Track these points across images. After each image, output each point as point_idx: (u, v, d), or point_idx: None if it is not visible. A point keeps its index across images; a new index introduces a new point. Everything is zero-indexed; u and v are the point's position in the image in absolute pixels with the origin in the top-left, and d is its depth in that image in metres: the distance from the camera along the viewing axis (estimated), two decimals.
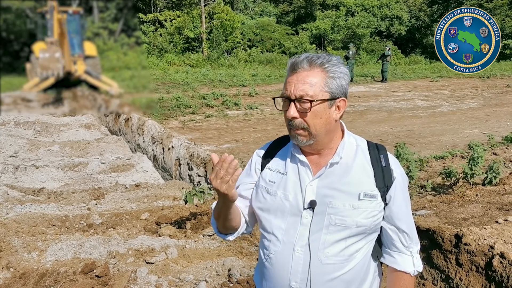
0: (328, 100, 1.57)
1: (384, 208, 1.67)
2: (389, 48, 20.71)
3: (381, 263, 1.82)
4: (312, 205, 1.62)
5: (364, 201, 1.61)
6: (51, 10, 11.85)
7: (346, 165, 1.65)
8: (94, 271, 3.98)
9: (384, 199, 1.65)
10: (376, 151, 1.69)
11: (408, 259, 1.73)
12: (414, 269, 1.73)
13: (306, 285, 1.64)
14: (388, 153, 1.71)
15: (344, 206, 1.61)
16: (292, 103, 1.56)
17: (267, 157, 1.79)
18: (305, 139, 1.61)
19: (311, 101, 1.54)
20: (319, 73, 1.56)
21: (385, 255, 1.77)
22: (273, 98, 1.66)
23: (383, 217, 1.68)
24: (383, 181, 1.64)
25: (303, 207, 1.64)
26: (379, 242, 1.77)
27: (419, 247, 1.76)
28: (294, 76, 1.58)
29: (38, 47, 13.64)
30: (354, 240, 1.64)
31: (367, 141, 1.73)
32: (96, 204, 6.36)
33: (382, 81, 19.87)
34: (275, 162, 1.76)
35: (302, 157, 1.68)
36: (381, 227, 1.71)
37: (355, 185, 1.62)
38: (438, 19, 32.46)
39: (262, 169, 1.78)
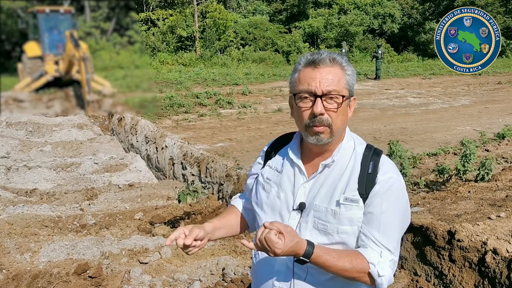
0: (348, 98, 1.58)
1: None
2: (379, 46, 20.86)
3: None
4: (301, 207, 1.61)
5: (345, 205, 1.55)
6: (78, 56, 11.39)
7: (339, 169, 1.62)
8: (87, 272, 3.96)
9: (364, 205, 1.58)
10: (369, 155, 1.63)
11: (374, 253, 1.55)
12: (376, 268, 1.52)
13: (290, 286, 1.63)
14: (383, 159, 1.63)
15: (327, 211, 1.57)
16: (319, 99, 1.53)
17: (270, 154, 1.81)
18: (327, 137, 1.57)
19: (343, 97, 1.55)
20: (340, 70, 1.57)
21: None
22: (294, 94, 1.59)
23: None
24: (364, 188, 1.56)
25: (293, 208, 1.64)
26: None
27: (395, 258, 1.58)
28: (316, 72, 1.55)
29: (29, 47, 13.54)
30: (338, 246, 1.58)
31: (367, 144, 1.68)
32: (89, 205, 6.32)
33: (375, 78, 19.93)
34: (275, 160, 1.77)
35: (297, 160, 1.68)
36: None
37: (340, 190, 1.58)
38: (430, 17, 32.67)
39: (263, 166, 1.80)
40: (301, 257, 1.47)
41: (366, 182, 1.57)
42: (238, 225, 1.89)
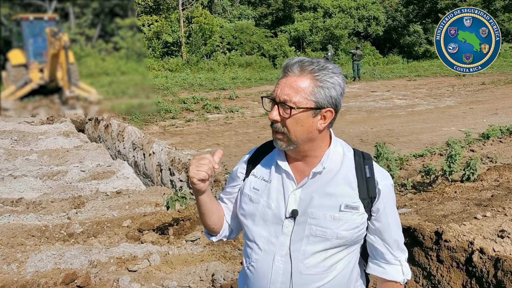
0: (312, 109, 1.53)
1: (368, 220, 1.63)
2: (358, 48, 21.57)
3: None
4: (293, 214, 1.59)
5: (345, 212, 1.57)
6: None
7: (330, 175, 1.61)
8: (75, 281, 3.92)
9: (369, 211, 1.61)
10: (361, 160, 1.64)
11: (397, 268, 1.70)
12: (404, 277, 1.70)
13: None
14: (374, 163, 1.67)
15: (325, 217, 1.58)
16: (276, 106, 1.54)
17: (252, 163, 1.75)
18: (284, 144, 1.58)
19: (291, 108, 1.51)
20: (308, 80, 1.52)
21: (373, 266, 1.73)
22: (262, 97, 1.64)
23: (368, 229, 1.65)
24: (367, 193, 1.59)
25: (285, 216, 1.61)
26: (364, 253, 1.74)
27: (407, 255, 1.73)
28: (284, 79, 1.55)
29: (13, 55, 13.40)
30: (335, 251, 1.61)
31: (354, 150, 1.69)
32: (77, 213, 6.26)
33: (354, 79, 20.42)
34: (260, 169, 1.72)
35: (285, 166, 1.64)
36: (365, 238, 1.68)
37: (337, 196, 1.58)
38: (414, 19, 33.04)
39: (247, 175, 1.75)
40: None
41: (368, 186, 1.60)
42: (219, 214, 1.80)
